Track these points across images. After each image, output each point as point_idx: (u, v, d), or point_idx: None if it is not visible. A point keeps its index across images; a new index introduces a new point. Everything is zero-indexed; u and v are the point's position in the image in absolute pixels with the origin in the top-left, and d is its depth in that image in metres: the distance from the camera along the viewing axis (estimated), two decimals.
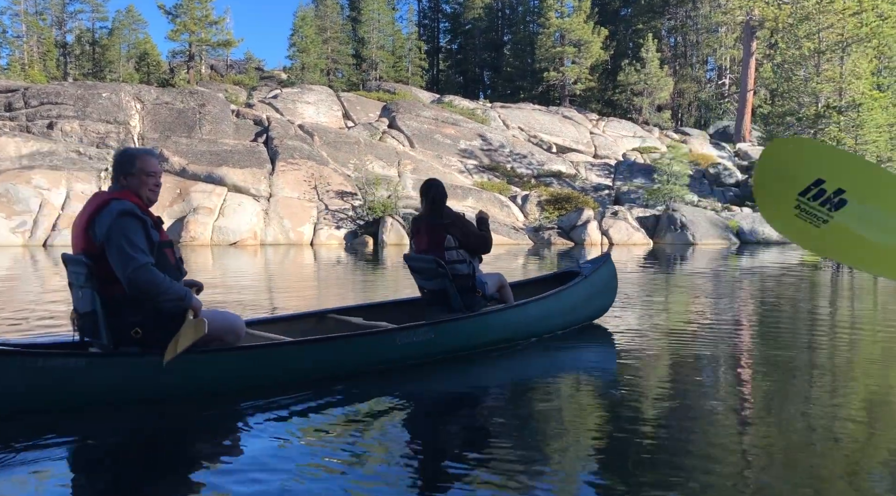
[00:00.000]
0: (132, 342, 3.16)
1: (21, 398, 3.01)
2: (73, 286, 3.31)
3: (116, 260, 3.02)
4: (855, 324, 6.48)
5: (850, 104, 26.64)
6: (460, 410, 3.41)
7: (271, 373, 3.52)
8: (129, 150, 3.34)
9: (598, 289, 5.50)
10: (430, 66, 55.09)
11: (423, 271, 4.69)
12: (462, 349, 4.33)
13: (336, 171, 24.18)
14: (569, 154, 34.74)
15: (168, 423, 3.08)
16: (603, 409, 3.40)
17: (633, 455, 2.64)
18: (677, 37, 49.87)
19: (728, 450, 2.71)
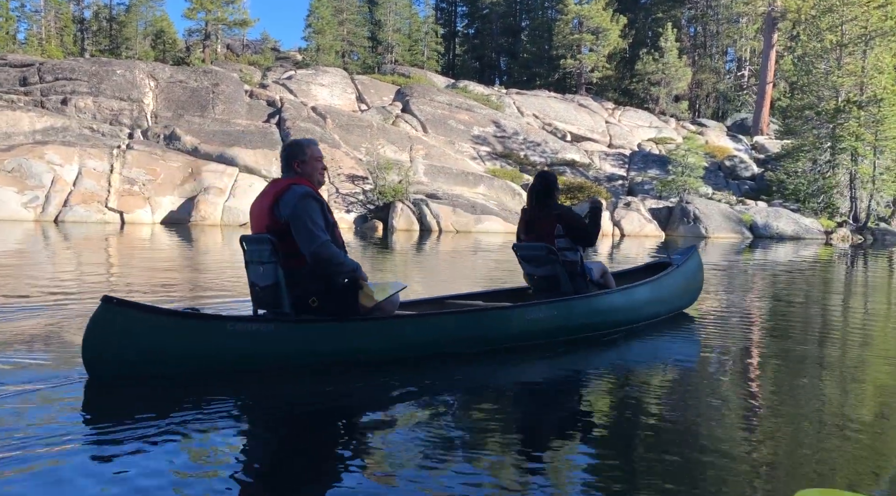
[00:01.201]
0: (309, 310, 3.54)
1: (214, 359, 3.33)
2: (252, 263, 3.69)
3: (302, 237, 3.41)
4: (868, 320, 6.41)
5: (870, 99, 26.16)
6: (556, 396, 3.51)
7: (428, 342, 3.84)
8: (299, 141, 3.77)
9: (688, 279, 5.75)
10: (446, 51, 54.70)
11: (533, 259, 4.90)
12: (580, 329, 4.56)
13: (348, 154, 24.09)
14: (583, 143, 34.46)
15: (322, 389, 3.32)
16: (602, 401, 3.32)
17: (640, 448, 2.63)
18: (697, 27, 49.20)
19: (735, 444, 2.67)
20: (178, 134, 22.50)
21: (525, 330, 4.22)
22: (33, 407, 2.84)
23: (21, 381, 3.16)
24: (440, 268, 10.80)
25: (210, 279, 8.48)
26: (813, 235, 25.10)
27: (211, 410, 2.91)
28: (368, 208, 21.96)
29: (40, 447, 2.38)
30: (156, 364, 3.24)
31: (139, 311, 3.20)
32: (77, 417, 2.81)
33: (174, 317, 3.30)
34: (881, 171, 27.04)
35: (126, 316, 3.16)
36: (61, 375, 3.29)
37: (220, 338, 3.33)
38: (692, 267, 5.82)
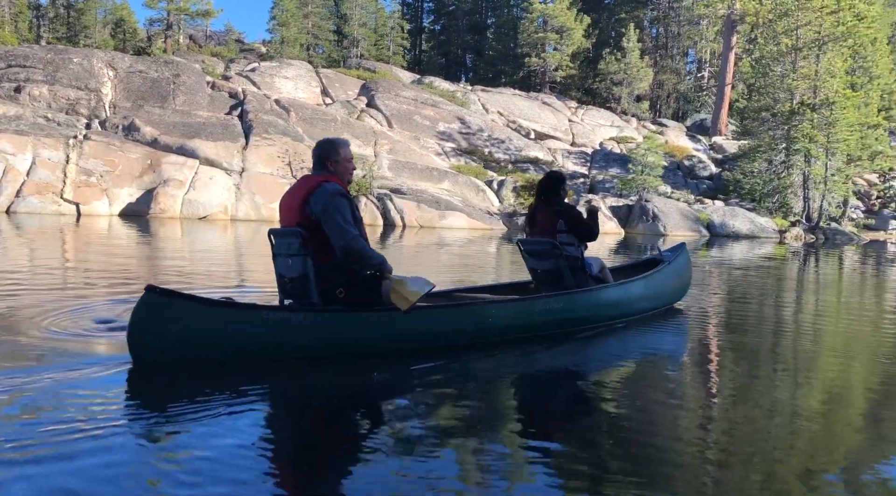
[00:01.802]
0: (336, 301, 3.73)
1: (247, 346, 3.50)
2: (280, 255, 3.86)
3: (333, 231, 3.60)
4: (819, 316, 6.69)
5: (823, 102, 26.92)
6: (565, 385, 3.73)
7: (446, 332, 4.03)
8: (333, 141, 3.96)
9: (678, 276, 6.05)
10: (412, 47, 54.61)
11: (537, 253, 5.18)
12: (583, 321, 4.83)
13: (311, 147, 23.91)
14: (547, 141, 34.76)
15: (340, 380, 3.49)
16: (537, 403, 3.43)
17: (593, 444, 2.69)
18: (659, 28, 49.98)
19: (686, 442, 2.73)
20: (138, 125, 22.10)
21: (536, 321, 4.46)
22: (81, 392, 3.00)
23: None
24: (405, 263, 10.85)
25: (171, 268, 8.42)
26: (767, 234, 25.77)
27: (244, 396, 3.08)
28: None
29: (89, 431, 2.50)
30: (194, 349, 3.40)
31: (180, 300, 3.37)
32: (122, 401, 2.98)
33: (211, 306, 3.47)
34: (832, 173, 27.85)
35: (168, 304, 3.32)
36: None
37: (253, 326, 3.50)
38: (682, 264, 6.14)
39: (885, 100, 35.64)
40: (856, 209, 32.53)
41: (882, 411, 3.29)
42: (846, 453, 2.71)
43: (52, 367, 3.33)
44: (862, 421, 3.15)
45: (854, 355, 4.79)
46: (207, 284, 6.72)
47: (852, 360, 4.60)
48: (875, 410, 3.33)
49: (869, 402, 3.48)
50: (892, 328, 6.12)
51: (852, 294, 9.25)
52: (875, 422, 3.14)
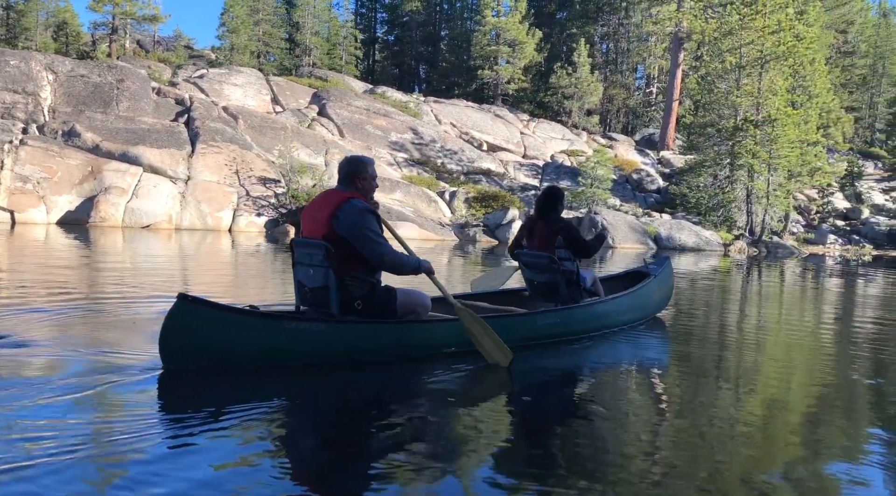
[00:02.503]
0: (354, 312, 3.91)
1: (270, 353, 3.67)
2: (302, 265, 4.01)
3: (367, 247, 3.78)
4: (762, 327, 6.82)
5: (765, 119, 27.72)
6: (562, 391, 3.95)
7: (458, 341, 4.20)
8: (362, 159, 4.11)
9: (663, 288, 6.34)
10: (365, 56, 54.43)
11: (535, 266, 5.44)
12: (577, 333, 5.10)
13: (260, 156, 23.54)
14: (499, 152, 34.98)
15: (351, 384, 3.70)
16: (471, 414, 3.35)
17: (546, 456, 2.74)
18: (609, 43, 50.91)
19: (631, 451, 2.79)
20: (78, 130, 21.38)
21: (539, 332, 4.79)
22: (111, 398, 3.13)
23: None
24: None
25: (108, 279, 8.07)
26: (712, 247, 26.33)
27: (268, 400, 3.29)
28: (280, 212, 21.50)
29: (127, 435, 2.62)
30: (221, 355, 3.57)
31: (209, 308, 3.53)
32: (153, 406, 3.15)
33: (238, 314, 3.64)
34: (774, 188, 28.66)
35: (198, 312, 3.48)
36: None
37: (277, 334, 3.68)
38: (666, 276, 6.45)
39: (823, 118, 36.95)
40: (796, 223, 33.57)
41: (821, 418, 3.41)
42: (787, 458, 2.81)
43: None
44: (802, 427, 3.27)
45: (795, 365, 4.96)
46: (150, 295, 6.47)
47: (793, 370, 4.75)
48: (814, 418, 3.45)
49: (808, 410, 3.61)
50: (831, 338, 6.29)
51: (793, 306, 9.45)
52: (814, 429, 3.25)
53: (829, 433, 3.16)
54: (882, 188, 37.30)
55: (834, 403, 3.73)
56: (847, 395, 3.94)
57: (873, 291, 12.37)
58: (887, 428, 3.29)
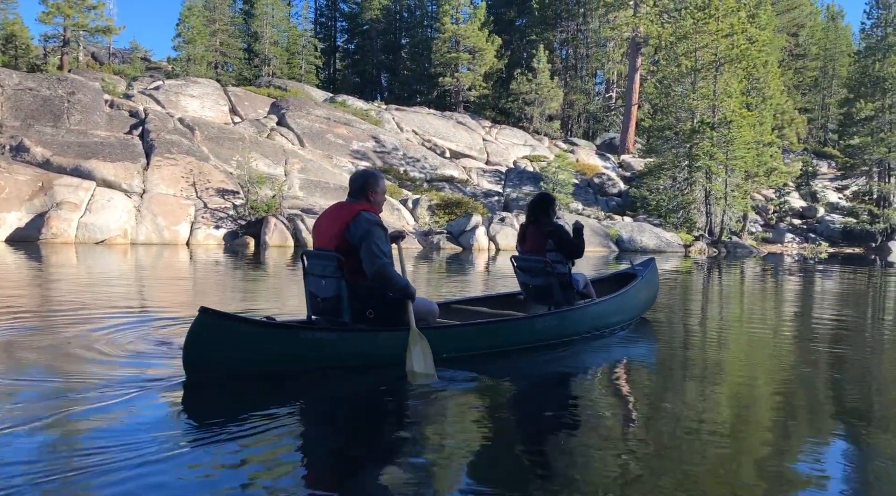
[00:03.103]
0: (365, 321, 4.06)
1: (286, 362, 3.82)
2: (313, 276, 4.17)
3: (367, 258, 3.91)
4: (725, 326, 6.92)
5: (721, 121, 28.19)
6: (555, 392, 4.08)
7: (464, 346, 4.44)
8: (375, 174, 4.33)
9: (649, 289, 6.57)
10: (326, 65, 54.15)
11: (529, 270, 5.61)
12: (574, 334, 5.27)
13: (217, 167, 23.15)
14: (462, 159, 34.98)
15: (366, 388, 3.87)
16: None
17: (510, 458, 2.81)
18: (568, 49, 51.39)
19: (599, 448, 2.86)
20: (27, 145, 20.79)
21: (538, 335, 4.98)
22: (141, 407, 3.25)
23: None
24: None
25: (62, 296, 7.77)
26: (673, 249, 26.63)
27: (284, 407, 3.43)
28: (239, 224, 21.15)
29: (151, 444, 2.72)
30: (241, 365, 3.72)
31: (230, 321, 3.69)
32: (178, 414, 3.27)
33: (256, 326, 3.81)
34: (732, 189, 29.15)
35: (219, 324, 3.62)
36: None
37: (293, 344, 3.85)
38: (652, 277, 6.68)
39: (777, 119, 37.75)
40: (755, 223, 34.19)
41: (786, 414, 3.51)
42: (756, 454, 2.88)
43: None
44: (770, 423, 3.37)
45: (760, 362, 5.07)
46: (108, 312, 6.24)
47: (758, 367, 4.87)
48: (780, 413, 3.55)
49: (775, 406, 3.70)
50: (792, 335, 6.41)
51: (754, 303, 9.54)
52: (781, 424, 3.34)
53: (794, 429, 3.24)
54: (836, 186, 38.21)
55: (798, 398, 3.83)
56: (809, 390, 4.04)
57: (831, 288, 12.59)
58: (847, 421, 3.40)
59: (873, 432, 3.18)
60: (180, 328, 5.64)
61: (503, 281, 12.08)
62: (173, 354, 4.26)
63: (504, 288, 10.30)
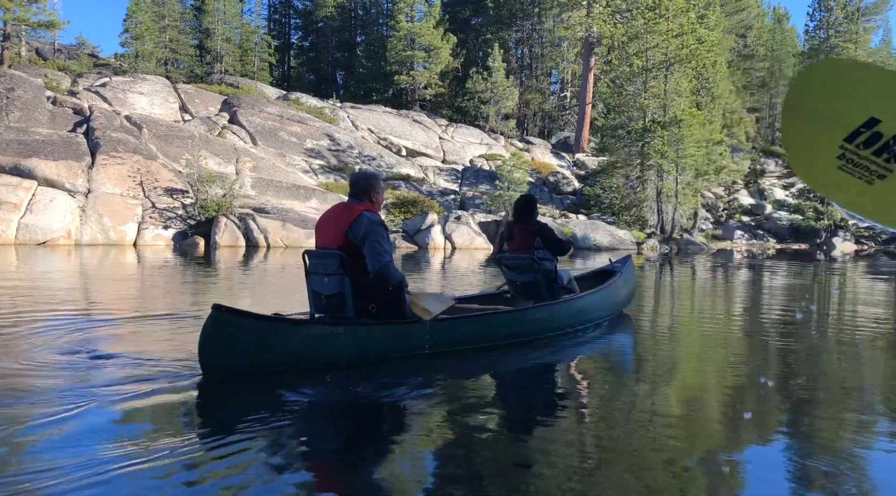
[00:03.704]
0: (368, 315, 4.22)
1: (293, 356, 3.92)
2: (316, 274, 4.31)
3: (371, 255, 4.09)
4: (675, 322, 7.01)
5: (672, 120, 28.67)
6: (542, 385, 4.24)
7: (462, 339, 4.63)
8: (376, 175, 4.55)
9: (628, 284, 6.79)
10: (280, 63, 53.49)
11: (517, 267, 5.78)
12: (560, 328, 5.45)
13: (166, 166, 22.61)
14: (418, 158, 34.90)
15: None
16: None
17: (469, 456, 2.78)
18: (524, 49, 51.73)
19: (556, 445, 2.87)
20: None
21: (527, 328, 5.16)
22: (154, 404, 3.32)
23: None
24: (270, 286, 10.28)
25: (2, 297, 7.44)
26: (626, 246, 26.98)
27: (298, 402, 3.52)
28: (189, 224, 20.69)
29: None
30: (253, 360, 3.79)
31: (240, 317, 3.75)
32: (193, 410, 3.37)
33: (267, 322, 3.86)
34: (683, 187, 29.68)
35: (231, 321, 3.71)
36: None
37: (301, 338, 3.97)
38: (630, 273, 6.91)
39: (726, 118, 38.59)
40: (705, 220, 34.91)
41: (736, 406, 3.55)
42: (707, 447, 2.95)
43: None
44: (722, 414, 3.44)
45: (709, 355, 5.19)
46: (51, 315, 5.99)
47: (709, 360, 4.99)
48: (730, 405, 3.59)
49: (724, 399, 3.76)
50: (740, 329, 6.55)
51: (705, 299, 9.69)
52: (731, 416, 3.40)
53: (742, 421, 3.30)
54: (783, 184, 39.23)
55: (747, 391, 3.92)
56: (757, 383, 4.14)
57: (778, 283, 12.88)
58: (794, 411, 3.50)
59: (818, 422, 3.27)
60: (127, 329, 5.47)
61: (459, 280, 12.06)
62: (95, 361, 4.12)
63: (463, 285, 10.27)
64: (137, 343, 4.95)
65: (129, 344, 4.90)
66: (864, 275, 15.93)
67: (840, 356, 5.16)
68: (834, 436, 3.05)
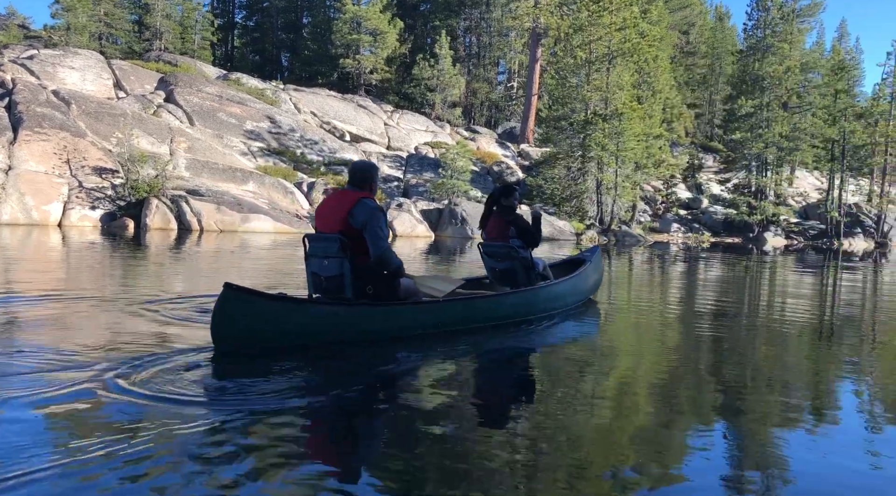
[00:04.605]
0: (365, 296, 4.49)
1: (298, 335, 4.14)
2: (316, 257, 4.54)
3: (373, 240, 4.36)
4: (611, 312, 7.04)
5: (613, 113, 29.06)
6: (504, 370, 4.35)
7: (450, 320, 4.92)
8: (374, 165, 4.78)
9: (597, 273, 7.29)
10: (223, 43, 52.05)
11: (495, 255, 6.11)
12: (536, 312, 5.76)
13: (95, 144, 21.75)
14: (362, 143, 34.52)
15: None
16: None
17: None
18: (472, 37, 51.63)
19: (494, 436, 2.89)
20: None
21: (505, 312, 5.44)
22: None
23: None
24: (204, 271, 9.94)
25: None
26: (566, 237, 27.30)
27: (296, 375, 3.66)
28: (118, 205, 19.99)
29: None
30: (259, 335, 4.01)
31: (249, 295, 3.96)
32: (204, 381, 3.47)
33: (272, 300, 4.08)
34: (622, 179, 30.15)
35: (241, 299, 3.92)
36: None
37: (303, 316, 4.20)
38: (598, 262, 7.31)
39: (667, 113, 39.37)
40: (643, 213, 35.59)
41: (670, 398, 3.58)
42: (641, 426, 3.04)
43: None
44: (656, 402, 3.49)
45: (644, 343, 5.32)
46: None
47: (645, 348, 5.10)
48: (666, 393, 3.66)
49: (658, 383, 3.88)
50: (675, 318, 6.71)
51: (641, 289, 9.81)
52: (666, 404, 3.44)
53: (676, 405, 3.42)
54: (719, 179, 40.28)
55: (680, 377, 4.04)
56: (691, 369, 4.29)
57: (712, 275, 13.17)
58: (724, 394, 3.64)
59: (747, 404, 3.42)
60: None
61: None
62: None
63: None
64: (55, 328, 4.67)
65: (45, 330, 4.61)
66: (793, 268, 16.46)
67: (768, 345, 5.34)
68: (758, 416, 3.20)
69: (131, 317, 5.09)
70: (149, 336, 4.44)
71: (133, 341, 4.27)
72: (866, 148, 38.44)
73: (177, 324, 4.90)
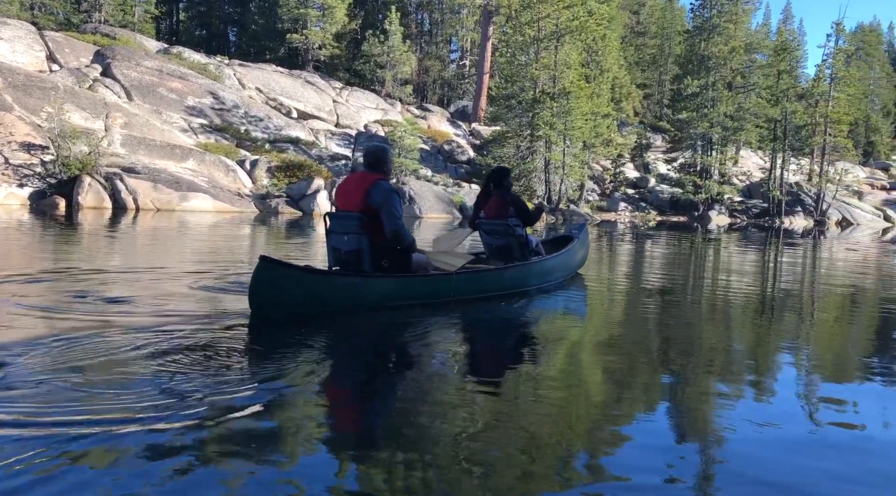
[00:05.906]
0: (381, 269, 4.95)
1: (323, 303, 4.58)
2: (336, 233, 5.01)
3: (388, 219, 4.81)
4: (561, 287, 7.03)
5: (561, 92, 29.05)
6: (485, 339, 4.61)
7: (459, 290, 5.38)
8: (386, 148, 5.22)
9: (584, 248, 7.85)
10: (167, 15, 50.33)
11: (493, 232, 6.59)
12: (530, 285, 6.27)
13: (23, 119, 20.81)
14: (310, 121, 33.91)
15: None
16: None
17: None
18: (423, 14, 51.01)
19: (455, 416, 2.84)
20: None
21: (503, 284, 5.93)
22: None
23: None
24: (140, 252, 9.54)
25: None
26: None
27: (326, 340, 4.10)
28: (48, 182, 19.20)
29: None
30: (290, 303, 4.41)
31: (281, 267, 4.38)
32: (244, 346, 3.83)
33: (300, 271, 4.50)
34: (570, 158, 30.27)
35: (274, 270, 4.32)
36: None
37: (327, 286, 4.63)
38: (585, 239, 7.80)
39: (615, 93, 39.59)
40: (592, 192, 35.87)
41: (615, 375, 3.61)
42: (592, 399, 3.18)
43: None
44: (606, 369, 3.67)
45: (592, 317, 5.58)
46: None
47: (591, 321, 5.34)
48: (609, 373, 3.66)
49: (609, 355, 4.06)
50: (622, 294, 6.84)
51: (589, 267, 9.80)
52: (611, 383, 3.46)
53: (628, 376, 3.54)
54: (666, 158, 40.81)
55: (629, 349, 4.20)
56: (639, 342, 4.50)
57: (658, 253, 13.31)
58: (673, 367, 3.79)
59: (690, 378, 3.55)
60: None
61: None
62: None
63: None
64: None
65: None
66: (737, 246, 16.75)
67: (712, 320, 5.56)
68: (705, 386, 3.39)
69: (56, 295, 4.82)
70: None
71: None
72: (807, 128, 39.32)
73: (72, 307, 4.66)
